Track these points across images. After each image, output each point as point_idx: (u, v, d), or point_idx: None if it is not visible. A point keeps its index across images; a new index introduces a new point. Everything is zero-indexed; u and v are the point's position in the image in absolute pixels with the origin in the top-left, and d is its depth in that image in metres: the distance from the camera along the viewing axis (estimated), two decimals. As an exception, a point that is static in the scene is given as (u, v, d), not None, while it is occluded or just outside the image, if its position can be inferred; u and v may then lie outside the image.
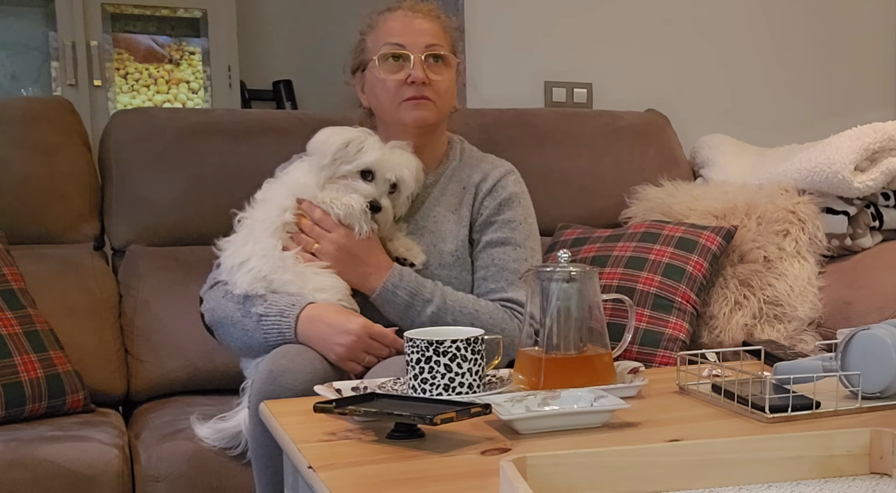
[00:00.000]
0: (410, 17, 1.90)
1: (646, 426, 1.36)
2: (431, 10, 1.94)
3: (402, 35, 1.88)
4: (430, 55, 1.87)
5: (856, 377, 1.43)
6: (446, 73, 1.90)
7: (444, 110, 1.92)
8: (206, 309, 1.86)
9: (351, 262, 1.81)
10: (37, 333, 1.94)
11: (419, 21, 1.90)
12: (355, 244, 1.82)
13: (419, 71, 1.85)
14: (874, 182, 2.35)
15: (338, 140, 1.82)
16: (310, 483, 1.18)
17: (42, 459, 1.71)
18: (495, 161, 1.99)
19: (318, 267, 1.80)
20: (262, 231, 1.81)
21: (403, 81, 1.85)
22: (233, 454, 1.81)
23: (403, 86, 1.86)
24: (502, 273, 1.87)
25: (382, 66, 1.87)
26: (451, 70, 1.92)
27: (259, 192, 1.89)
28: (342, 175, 1.82)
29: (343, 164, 1.82)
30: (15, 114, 2.30)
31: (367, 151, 1.82)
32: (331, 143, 1.82)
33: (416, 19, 1.90)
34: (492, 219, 1.91)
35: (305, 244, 1.82)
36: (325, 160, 1.82)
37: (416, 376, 1.44)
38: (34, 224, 2.25)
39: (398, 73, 1.86)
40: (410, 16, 1.90)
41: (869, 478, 1.13)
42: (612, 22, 2.96)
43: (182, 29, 4.05)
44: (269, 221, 1.82)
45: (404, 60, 1.86)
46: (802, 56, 3.15)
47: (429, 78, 1.86)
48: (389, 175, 1.83)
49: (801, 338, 2.27)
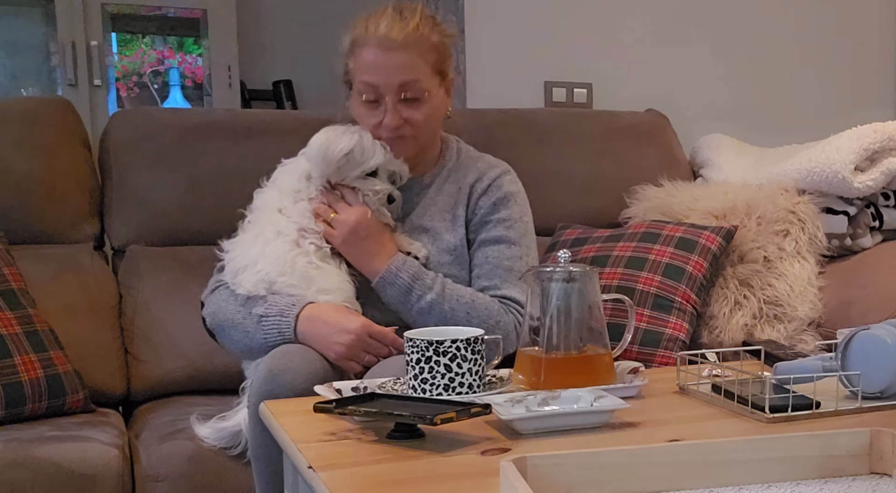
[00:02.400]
0: (384, 51, 1.80)
1: (646, 426, 1.36)
2: (409, 34, 1.81)
3: (375, 73, 1.81)
4: (404, 97, 1.82)
5: (856, 377, 1.42)
6: (425, 106, 1.84)
7: (427, 136, 1.90)
8: (208, 313, 1.86)
9: (365, 239, 1.82)
10: (37, 333, 1.95)
11: (392, 55, 1.80)
12: (374, 222, 1.83)
13: (391, 117, 1.82)
14: (874, 182, 2.35)
15: (339, 149, 1.81)
16: (310, 483, 1.18)
17: (42, 459, 1.71)
18: (491, 161, 1.99)
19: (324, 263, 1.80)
20: (274, 235, 1.81)
21: (379, 123, 1.83)
22: (233, 453, 1.81)
23: (379, 126, 1.83)
24: (496, 271, 1.87)
25: (359, 102, 1.85)
26: (431, 102, 1.85)
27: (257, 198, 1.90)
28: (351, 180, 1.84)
29: (349, 170, 1.83)
30: (15, 114, 2.30)
31: (371, 154, 1.82)
32: (332, 152, 1.81)
33: (389, 53, 1.79)
34: (487, 218, 1.91)
35: (324, 213, 1.82)
36: (330, 169, 1.82)
37: (416, 376, 1.44)
38: (34, 224, 2.25)
39: (374, 112, 1.83)
40: (384, 48, 1.79)
41: (869, 478, 1.13)
42: (612, 22, 2.96)
43: (182, 29, 4.05)
44: (284, 226, 1.82)
45: (379, 102, 1.82)
46: (802, 56, 3.15)
47: (404, 118, 1.82)
48: (391, 168, 1.85)
49: (801, 338, 2.27)
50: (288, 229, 1.81)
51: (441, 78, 1.88)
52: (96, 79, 3.64)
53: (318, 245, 1.81)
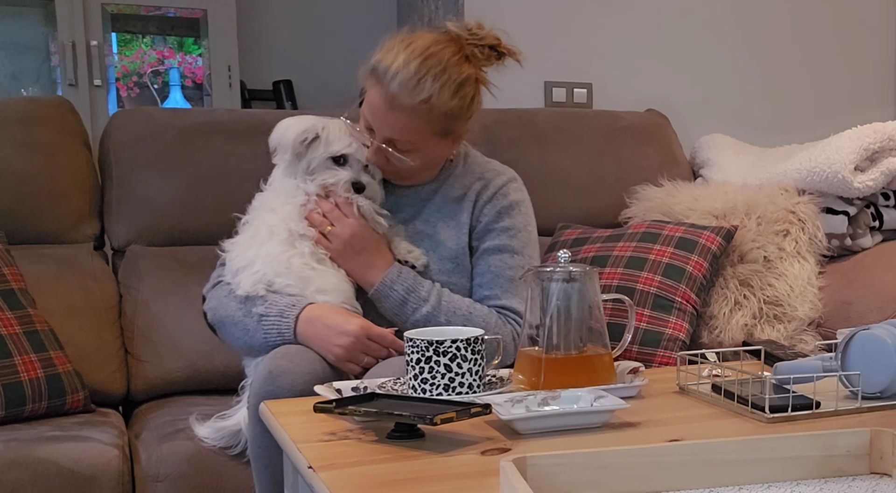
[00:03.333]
0: (387, 106, 1.75)
1: (646, 426, 1.36)
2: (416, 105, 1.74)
3: (372, 117, 1.79)
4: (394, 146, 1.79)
5: (856, 377, 1.42)
6: (415, 156, 1.80)
7: (422, 169, 1.86)
8: (209, 308, 1.86)
9: (361, 251, 1.82)
10: (37, 333, 1.95)
11: (393, 114, 1.75)
12: (370, 235, 1.83)
13: (373, 156, 1.81)
14: (874, 182, 2.35)
15: (293, 133, 1.81)
16: (310, 483, 1.18)
17: (42, 459, 1.72)
18: (498, 168, 1.97)
19: (321, 265, 1.80)
20: (268, 235, 1.81)
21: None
22: (233, 452, 1.81)
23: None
24: (497, 280, 1.86)
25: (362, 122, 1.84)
26: (425, 152, 1.81)
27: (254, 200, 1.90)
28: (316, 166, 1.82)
29: (311, 154, 1.81)
30: (15, 114, 2.30)
31: (333, 137, 1.81)
32: (287, 137, 1.81)
33: (391, 111, 1.75)
34: (491, 226, 1.89)
35: (319, 225, 1.82)
36: (287, 155, 1.82)
37: (416, 376, 1.44)
38: (34, 224, 2.25)
39: (371, 137, 1.82)
40: (388, 104, 1.75)
41: (869, 478, 1.13)
42: (612, 22, 2.96)
43: (182, 29, 4.05)
44: (275, 225, 1.82)
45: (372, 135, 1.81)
46: (802, 56, 3.15)
47: (388, 162, 1.81)
48: (360, 156, 1.83)
49: (801, 338, 2.27)
50: (279, 229, 1.81)
51: (446, 135, 1.82)
52: (96, 79, 3.63)
53: (313, 249, 1.81)
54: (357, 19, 4.02)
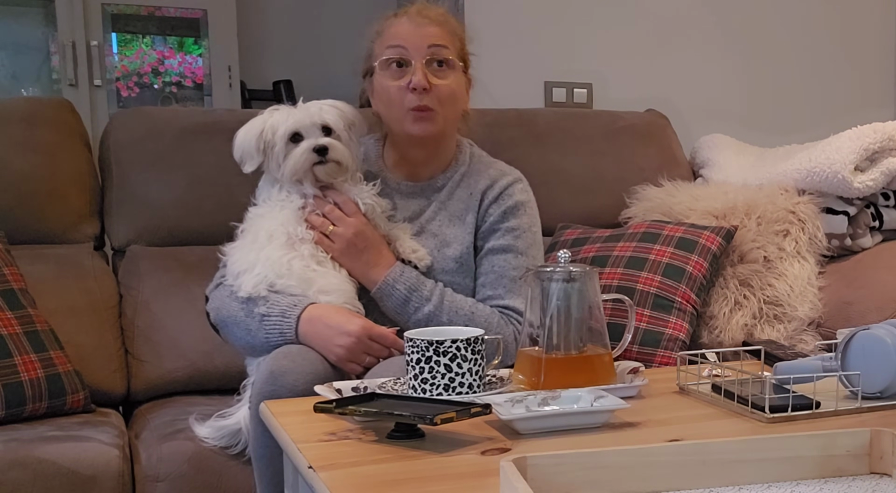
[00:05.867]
0: (416, 22, 1.85)
1: (646, 426, 1.36)
2: (440, 14, 1.89)
3: (406, 38, 1.84)
4: (432, 60, 1.84)
5: (856, 377, 1.42)
6: (451, 76, 1.86)
7: (449, 118, 1.88)
8: (212, 308, 1.86)
9: (364, 249, 1.82)
10: (37, 333, 1.95)
11: (424, 26, 1.85)
12: (372, 233, 1.83)
13: (419, 76, 1.81)
14: (874, 182, 2.35)
15: (252, 133, 1.82)
16: (310, 483, 1.18)
17: (42, 459, 1.71)
18: (504, 168, 1.97)
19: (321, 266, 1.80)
20: (267, 240, 1.81)
21: (405, 88, 1.83)
22: (233, 452, 1.81)
23: (406, 92, 1.82)
24: (501, 280, 1.86)
25: (385, 72, 1.85)
26: (457, 73, 1.87)
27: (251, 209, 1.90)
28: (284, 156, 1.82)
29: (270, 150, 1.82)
30: (15, 114, 2.30)
31: (284, 120, 1.82)
32: (248, 140, 1.83)
33: (422, 24, 1.85)
34: (496, 226, 1.89)
35: (320, 226, 1.82)
36: (255, 159, 1.83)
37: (416, 376, 1.44)
38: (34, 224, 2.25)
39: (400, 79, 1.83)
40: (417, 20, 1.85)
41: (869, 478, 1.13)
42: (612, 22, 2.96)
43: (182, 29, 4.05)
44: (273, 230, 1.82)
45: (406, 66, 1.83)
46: (802, 56, 3.15)
47: (431, 83, 1.82)
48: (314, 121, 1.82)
49: (801, 338, 2.27)
50: (277, 233, 1.81)
51: (464, 65, 1.91)
52: (96, 79, 3.64)
53: (312, 251, 1.81)
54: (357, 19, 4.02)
